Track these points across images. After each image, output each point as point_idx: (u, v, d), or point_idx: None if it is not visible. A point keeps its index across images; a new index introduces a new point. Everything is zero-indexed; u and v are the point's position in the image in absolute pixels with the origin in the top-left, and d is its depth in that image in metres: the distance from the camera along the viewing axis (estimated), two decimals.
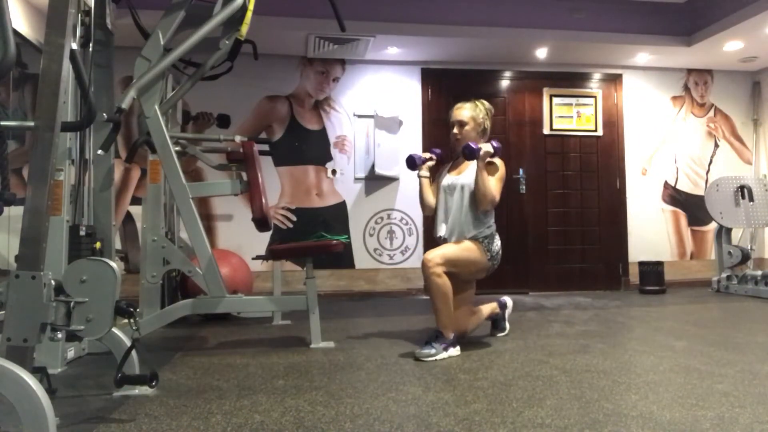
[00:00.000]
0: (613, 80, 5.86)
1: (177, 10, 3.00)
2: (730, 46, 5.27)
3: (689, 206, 5.88)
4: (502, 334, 3.28)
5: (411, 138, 5.47)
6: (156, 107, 2.99)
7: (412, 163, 3.05)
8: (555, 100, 5.75)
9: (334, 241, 3.36)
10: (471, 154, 2.80)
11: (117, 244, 4.47)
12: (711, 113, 6.02)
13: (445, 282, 2.78)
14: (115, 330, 2.11)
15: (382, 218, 5.42)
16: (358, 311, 4.46)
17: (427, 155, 3.08)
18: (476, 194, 2.88)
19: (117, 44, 3.05)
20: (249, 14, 3.02)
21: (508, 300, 3.40)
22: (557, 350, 2.87)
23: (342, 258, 5.24)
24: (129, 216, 4.96)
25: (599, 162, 5.79)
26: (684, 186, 5.91)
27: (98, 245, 2.77)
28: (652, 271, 5.37)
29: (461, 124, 3.04)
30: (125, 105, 2.76)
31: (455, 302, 2.85)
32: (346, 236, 5.26)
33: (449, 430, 1.74)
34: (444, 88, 5.52)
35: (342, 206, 5.36)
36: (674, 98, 5.96)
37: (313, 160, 5.34)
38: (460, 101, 3.13)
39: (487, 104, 3.11)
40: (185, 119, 5.03)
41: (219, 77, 3.39)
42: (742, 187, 5.32)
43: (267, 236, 4.87)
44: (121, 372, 2.06)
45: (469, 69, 5.60)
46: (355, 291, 5.30)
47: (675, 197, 5.89)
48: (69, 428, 1.82)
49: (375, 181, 5.39)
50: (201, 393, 2.20)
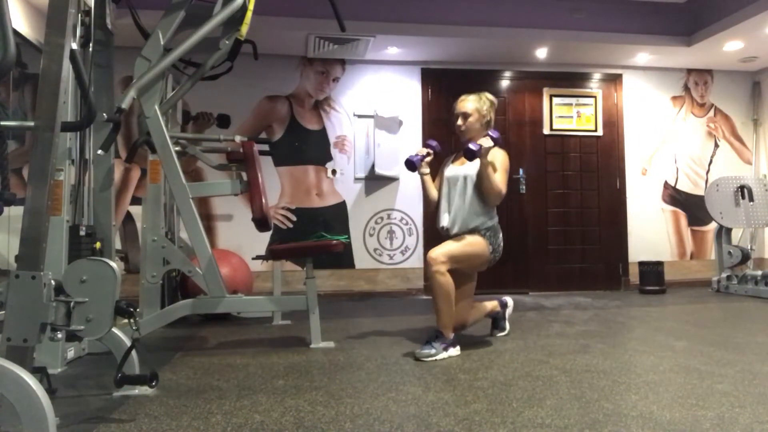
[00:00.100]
0: (613, 80, 5.86)
1: (177, 10, 3.01)
2: (730, 46, 5.28)
3: (689, 206, 5.88)
4: (502, 334, 3.28)
5: (411, 138, 5.47)
6: (156, 107, 2.99)
7: (411, 166, 3.05)
8: (555, 100, 5.75)
9: (334, 241, 3.36)
10: (472, 155, 2.80)
11: (117, 244, 4.47)
12: (711, 113, 6.02)
13: (449, 281, 2.78)
14: (115, 330, 2.11)
15: (382, 218, 5.42)
16: (358, 311, 4.46)
17: (424, 152, 3.07)
18: (483, 190, 2.89)
19: (117, 44, 3.06)
20: (249, 14, 3.03)
21: (509, 300, 3.40)
22: (557, 350, 2.87)
23: (342, 258, 5.24)
24: (129, 216, 4.96)
25: (599, 162, 5.79)
26: (684, 186, 5.91)
27: (98, 245, 2.78)
28: (652, 271, 5.37)
29: (465, 116, 3.05)
30: (125, 105, 2.76)
31: (456, 295, 2.86)
32: (346, 236, 5.26)
33: (449, 430, 1.74)
34: (444, 88, 5.52)
35: (342, 206, 5.36)
36: (674, 98, 5.96)
37: (313, 160, 5.34)
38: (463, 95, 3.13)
39: (492, 97, 3.13)
40: (185, 119, 5.03)
41: (219, 77, 3.38)
42: (742, 187, 5.32)
43: (267, 236, 4.88)
44: (121, 372, 2.06)
45: (469, 69, 5.60)
46: (355, 291, 5.30)
47: (675, 197, 5.89)
48: (69, 428, 1.82)
49: (375, 181, 5.39)
50: (201, 393, 2.20)
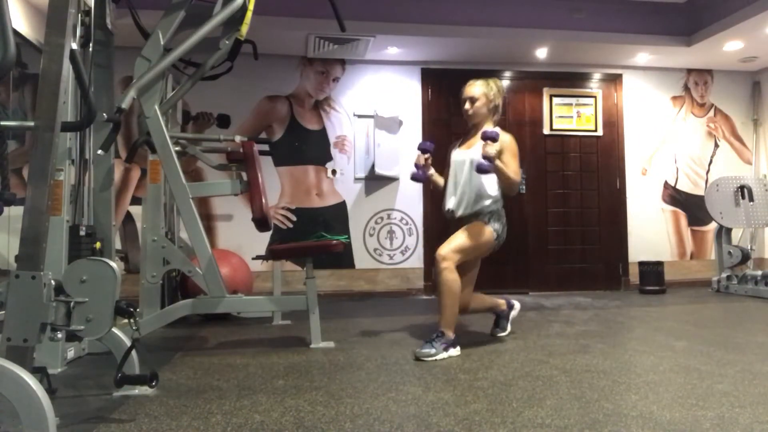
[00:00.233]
0: (613, 80, 5.86)
1: (177, 10, 3.01)
2: (730, 46, 5.27)
3: (689, 206, 5.88)
4: (503, 334, 3.28)
5: (411, 138, 5.46)
6: (156, 107, 2.99)
7: (419, 178, 3.10)
8: (555, 100, 5.75)
9: (334, 241, 3.36)
10: (486, 173, 2.84)
11: (117, 244, 4.47)
12: (711, 113, 6.02)
13: (456, 279, 2.83)
14: (115, 330, 2.11)
15: (382, 218, 5.41)
16: (358, 311, 4.46)
17: (422, 160, 3.08)
18: (503, 188, 2.99)
19: (117, 44, 3.05)
20: (249, 14, 3.03)
21: (517, 303, 3.43)
22: (557, 350, 2.87)
23: (342, 258, 5.24)
24: (129, 216, 4.96)
25: (599, 162, 5.79)
26: (684, 186, 5.91)
27: (98, 245, 2.78)
28: (652, 271, 5.37)
29: (472, 100, 3.10)
30: (125, 105, 2.76)
31: (461, 282, 2.92)
32: (346, 236, 5.26)
33: (449, 430, 1.74)
34: (444, 88, 5.52)
35: (342, 206, 5.36)
36: (674, 98, 5.96)
37: (313, 160, 5.34)
38: (460, 100, 3.16)
39: (499, 82, 3.18)
40: (185, 119, 5.03)
41: (219, 77, 3.38)
42: (742, 187, 5.32)
43: (267, 236, 4.88)
44: (121, 372, 2.06)
45: (469, 69, 5.58)
46: (355, 291, 5.29)
47: (675, 197, 5.89)
48: (69, 428, 1.82)
49: (375, 181, 5.39)
50: (201, 393, 2.20)
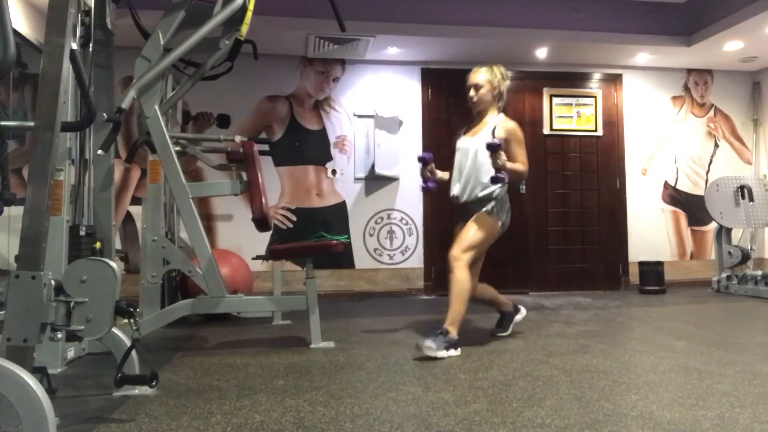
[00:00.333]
0: (613, 80, 5.86)
1: (177, 10, 3.01)
2: (730, 46, 5.27)
3: (689, 206, 5.88)
4: (503, 334, 3.28)
5: (411, 138, 5.47)
6: (156, 107, 2.99)
7: (430, 189, 3.15)
8: (555, 100, 5.75)
9: (334, 241, 3.36)
10: (503, 180, 2.88)
11: (117, 244, 4.47)
12: (711, 113, 6.02)
13: (467, 279, 2.87)
14: (115, 330, 2.11)
15: (382, 218, 5.41)
16: (358, 311, 4.46)
17: (426, 172, 3.13)
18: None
19: (117, 44, 3.05)
20: (249, 14, 3.03)
21: (523, 309, 3.44)
22: (557, 350, 2.87)
23: (342, 258, 5.24)
24: (129, 216, 4.96)
25: (599, 162, 5.79)
26: (684, 186, 5.91)
27: (98, 245, 2.78)
28: (652, 271, 5.37)
29: (477, 87, 3.13)
30: (125, 105, 2.76)
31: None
32: (346, 236, 5.26)
33: (449, 430, 1.74)
34: (444, 88, 5.52)
35: (342, 206, 5.36)
36: (674, 98, 5.96)
37: (313, 160, 5.34)
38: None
39: (503, 68, 3.20)
40: (185, 119, 5.03)
41: (219, 77, 3.38)
42: (742, 187, 5.32)
43: (267, 236, 4.87)
44: (121, 372, 2.06)
45: (469, 69, 5.50)
46: (355, 291, 5.29)
47: (675, 197, 5.89)
48: (69, 428, 1.82)
49: (375, 181, 5.39)
50: (201, 393, 2.20)
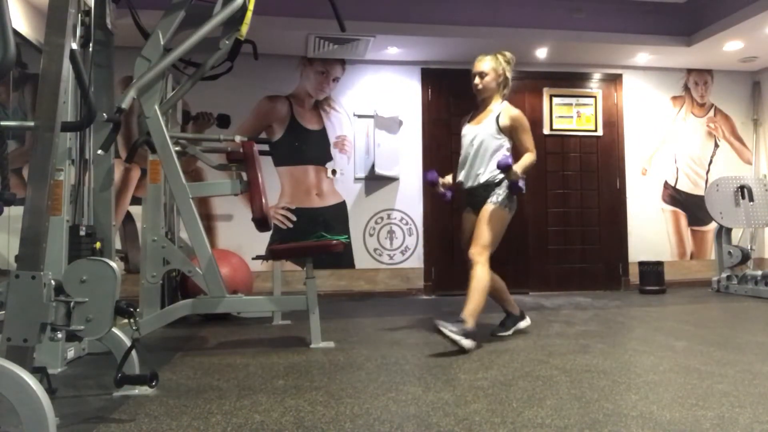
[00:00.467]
0: (613, 80, 5.86)
1: (177, 10, 3.01)
2: (730, 46, 5.27)
3: (689, 206, 5.88)
4: (503, 334, 3.28)
5: (411, 138, 5.47)
6: (156, 107, 2.99)
7: (449, 199, 3.27)
8: (555, 100, 5.75)
9: (334, 241, 3.36)
10: (522, 189, 2.98)
11: (117, 244, 4.47)
12: (711, 113, 6.02)
13: (487, 277, 2.92)
14: (115, 330, 2.11)
15: (382, 218, 5.41)
16: (358, 311, 4.46)
17: (440, 188, 3.22)
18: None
19: (117, 44, 3.05)
20: (249, 14, 3.02)
21: (529, 319, 3.42)
22: (557, 350, 2.87)
23: (342, 258, 5.24)
24: (129, 216, 4.96)
25: (599, 162, 5.79)
26: (684, 186, 5.91)
27: (98, 245, 2.78)
28: (652, 271, 5.37)
29: (482, 75, 3.18)
30: (125, 105, 2.76)
31: None
32: (346, 236, 5.26)
33: (449, 430, 1.74)
34: (444, 88, 5.52)
35: (342, 206, 5.36)
36: (674, 98, 5.96)
37: (313, 160, 5.34)
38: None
39: (509, 54, 3.23)
40: (185, 119, 5.03)
41: (219, 77, 3.38)
42: (742, 187, 5.32)
43: (267, 236, 4.88)
44: (121, 372, 2.06)
45: (469, 69, 5.57)
46: (355, 291, 5.29)
47: (675, 197, 5.89)
48: (69, 428, 1.82)
49: (375, 181, 5.39)
50: (201, 393, 2.20)
